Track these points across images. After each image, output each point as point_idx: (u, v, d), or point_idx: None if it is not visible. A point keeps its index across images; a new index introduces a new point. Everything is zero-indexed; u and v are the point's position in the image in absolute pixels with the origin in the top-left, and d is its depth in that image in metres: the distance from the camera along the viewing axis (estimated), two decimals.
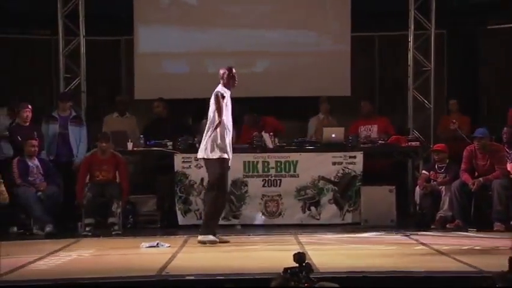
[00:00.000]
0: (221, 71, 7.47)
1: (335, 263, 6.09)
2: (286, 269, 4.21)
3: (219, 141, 7.27)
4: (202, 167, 7.86)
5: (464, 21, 10.57)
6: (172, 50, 10.35)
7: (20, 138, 8.97)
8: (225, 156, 7.30)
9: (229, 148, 7.35)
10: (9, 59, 10.59)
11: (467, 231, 8.17)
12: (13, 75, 10.54)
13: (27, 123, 9.13)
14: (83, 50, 9.98)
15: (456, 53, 10.69)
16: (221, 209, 7.59)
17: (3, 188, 8.53)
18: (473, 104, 10.43)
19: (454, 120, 9.50)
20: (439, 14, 9.93)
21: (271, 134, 9.22)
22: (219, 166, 7.30)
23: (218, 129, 7.27)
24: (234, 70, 7.50)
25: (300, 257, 4.28)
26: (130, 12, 10.18)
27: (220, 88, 7.37)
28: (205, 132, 7.38)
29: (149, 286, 5.34)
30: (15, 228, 8.59)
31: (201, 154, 7.42)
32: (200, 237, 7.29)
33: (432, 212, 8.73)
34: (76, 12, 9.89)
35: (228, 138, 7.35)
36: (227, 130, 7.34)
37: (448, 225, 8.56)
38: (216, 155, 7.28)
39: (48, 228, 8.46)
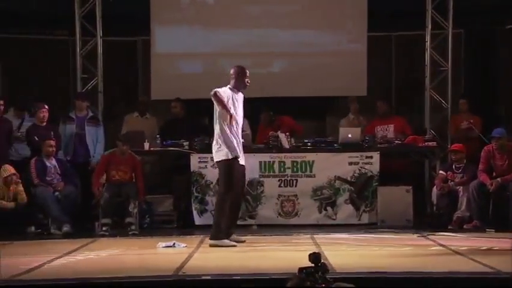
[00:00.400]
0: (231, 70, 7.30)
1: (351, 263, 6.07)
2: (301, 269, 4.20)
3: (227, 140, 7.06)
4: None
5: (481, 21, 10.50)
6: (188, 50, 10.36)
7: (37, 139, 9.03)
8: (230, 156, 7.09)
9: (239, 148, 7.17)
10: (27, 60, 10.66)
11: (485, 232, 8.11)
12: (31, 75, 10.61)
13: (44, 124, 9.19)
14: (100, 50, 10.03)
15: (473, 52, 10.62)
16: (234, 211, 7.31)
17: (21, 188, 8.61)
18: (490, 103, 10.36)
19: (471, 120, 9.43)
20: (456, 14, 9.87)
21: (287, 134, 9.21)
22: (226, 167, 7.13)
23: (227, 129, 7.06)
24: (245, 70, 7.27)
25: (315, 257, 4.27)
26: (147, 13, 10.21)
27: (221, 89, 7.15)
28: (215, 134, 7.21)
29: (165, 286, 5.34)
30: (33, 228, 8.64)
31: (215, 157, 7.26)
32: (212, 242, 7.15)
33: (450, 212, 8.69)
34: (93, 12, 9.94)
35: (239, 138, 7.20)
36: (236, 129, 7.15)
37: (465, 226, 8.51)
38: (223, 156, 7.11)
39: (65, 228, 8.50)
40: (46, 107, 9.21)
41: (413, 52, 10.62)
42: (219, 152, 7.14)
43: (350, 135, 9.05)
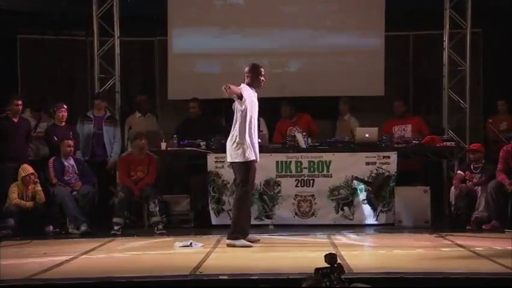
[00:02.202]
0: (245, 69, 7.21)
1: (368, 264, 6.05)
2: (317, 270, 4.19)
3: (244, 141, 7.00)
4: None
5: (500, 20, 10.42)
6: (205, 50, 10.38)
7: (56, 138, 9.09)
8: (251, 157, 7.06)
9: (255, 148, 7.12)
10: (44, 60, 10.73)
11: (503, 232, 8.05)
12: (49, 76, 10.68)
13: (63, 123, 9.25)
14: (117, 50, 10.07)
15: (492, 52, 10.55)
16: (246, 212, 7.30)
17: (40, 188, 8.67)
18: (510, 104, 10.27)
19: (491, 120, 9.36)
20: (475, 13, 9.81)
21: (304, 133, 9.20)
22: (245, 168, 7.08)
23: (246, 130, 6.97)
24: (260, 68, 7.17)
25: (331, 257, 4.26)
26: (164, 13, 10.24)
27: (244, 86, 7.03)
28: (231, 133, 7.13)
29: (183, 286, 5.35)
30: (51, 227, 8.69)
31: (229, 157, 7.19)
32: (229, 241, 7.12)
33: (468, 212, 8.63)
34: (111, 13, 9.98)
35: (255, 138, 7.14)
36: (254, 130, 7.10)
37: (483, 226, 8.45)
38: (241, 157, 7.05)
39: (83, 228, 8.55)
40: (65, 106, 9.27)
41: (431, 52, 10.56)
42: (236, 152, 7.09)
43: (367, 135, 9.02)
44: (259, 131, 7.39)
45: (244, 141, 7.04)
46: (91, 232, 8.52)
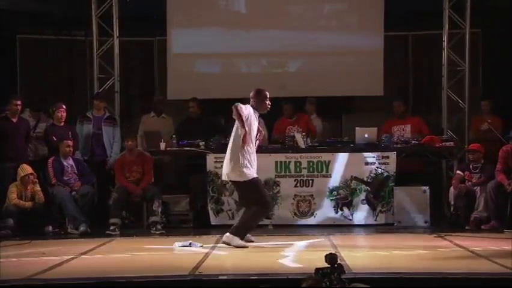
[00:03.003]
0: (251, 93, 7.21)
1: (367, 264, 6.05)
2: (317, 270, 4.19)
3: (246, 160, 7.01)
4: None
5: (499, 20, 10.43)
6: (204, 50, 10.38)
7: (55, 138, 9.09)
8: (255, 175, 7.09)
9: (255, 165, 7.12)
10: (44, 60, 10.73)
11: (502, 233, 8.05)
12: (48, 76, 10.68)
13: (62, 123, 9.25)
14: (116, 50, 10.07)
15: (491, 52, 10.55)
16: (258, 221, 7.41)
17: (39, 188, 8.66)
18: (508, 104, 10.27)
19: (489, 120, 9.37)
20: (474, 13, 9.81)
21: (303, 134, 9.20)
22: (254, 187, 7.09)
23: (245, 146, 6.98)
24: (265, 93, 7.18)
25: (331, 257, 4.26)
26: (163, 13, 10.24)
27: (244, 105, 6.99)
28: (229, 150, 7.14)
29: (182, 286, 5.35)
30: (50, 228, 8.69)
31: (230, 176, 7.13)
32: (225, 238, 7.07)
33: (467, 213, 8.63)
34: (110, 13, 9.98)
35: (253, 156, 7.09)
36: (252, 147, 7.08)
37: (483, 227, 8.45)
38: (247, 176, 7.04)
39: (82, 228, 8.55)
40: (64, 106, 9.27)
41: (430, 52, 10.57)
42: (235, 172, 7.06)
43: (366, 135, 9.02)
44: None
45: (240, 160, 7.01)
46: (90, 232, 8.52)
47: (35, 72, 10.62)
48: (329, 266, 4.19)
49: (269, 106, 7.23)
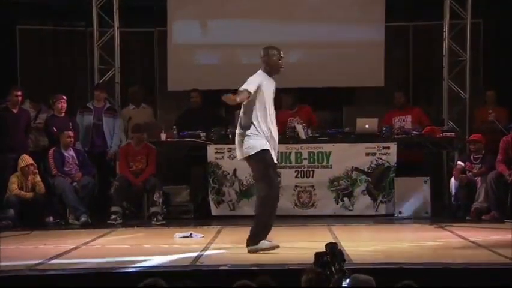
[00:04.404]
0: (261, 53, 6.41)
1: (368, 254, 6.06)
2: (317, 255, 4.18)
3: (254, 133, 6.17)
4: (235, 157, 6.93)
5: (500, 11, 10.39)
6: (205, 41, 10.34)
7: (55, 129, 9.09)
8: (266, 147, 6.19)
9: (271, 142, 6.29)
10: (44, 51, 10.71)
11: (503, 223, 8.06)
12: (48, 66, 10.66)
13: (63, 114, 9.24)
14: (117, 41, 10.04)
15: (492, 42, 10.52)
16: (274, 211, 6.40)
17: (39, 179, 8.67)
18: (509, 94, 10.26)
19: (490, 111, 9.35)
20: (475, 3, 9.77)
21: (304, 124, 9.19)
22: (260, 160, 6.21)
23: (255, 122, 6.15)
24: (275, 50, 6.34)
25: (332, 247, 4.26)
26: (164, 4, 10.20)
27: (252, 76, 6.25)
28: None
29: (183, 276, 5.34)
30: (51, 218, 8.69)
31: (238, 154, 6.33)
32: (251, 248, 6.17)
33: (468, 203, 8.63)
34: (110, 3, 9.94)
35: (273, 129, 6.32)
36: (269, 120, 6.27)
37: (483, 217, 8.45)
38: (251, 149, 6.21)
39: (83, 218, 8.55)
40: (64, 97, 9.25)
41: (431, 42, 10.53)
42: (244, 146, 6.25)
43: (367, 126, 9.01)
44: None
45: (252, 132, 6.21)
46: (91, 223, 8.53)
47: (35, 63, 10.59)
48: (328, 252, 4.19)
49: (282, 66, 6.39)
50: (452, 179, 8.81)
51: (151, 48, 10.94)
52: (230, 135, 8.52)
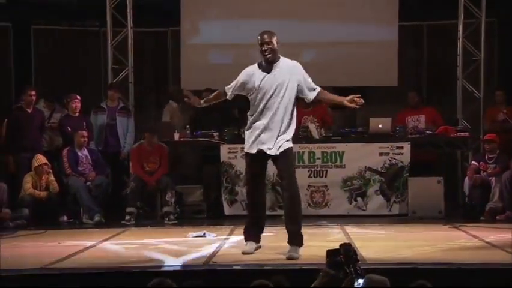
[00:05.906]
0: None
1: (382, 254, 6.04)
2: (328, 252, 4.17)
3: (248, 125, 6.21)
4: None
5: None
6: (218, 41, 10.36)
7: (69, 129, 9.13)
8: (248, 150, 6.16)
9: (259, 138, 6.13)
10: (58, 51, 10.76)
11: None
12: (62, 66, 10.70)
13: (77, 114, 9.28)
14: (130, 41, 10.07)
15: (507, 42, 10.47)
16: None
17: (53, 178, 8.71)
18: (508, 95, 10.21)
19: (505, 111, 9.30)
20: (489, 2, 9.72)
21: (317, 124, 9.18)
22: (246, 162, 6.31)
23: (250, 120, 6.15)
24: (257, 37, 6.19)
25: (346, 248, 4.25)
26: (177, 4, 10.23)
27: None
28: None
29: (196, 275, 5.36)
30: (65, 217, 8.73)
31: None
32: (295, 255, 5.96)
33: (482, 203, 8.59)
34: (124, 3, 9.97)
35: (261, 128, 6.14)
36: (259, 117, 6.16)
37: (498, 217, 8.41)
38: (245, 147, 6.28)
39: (97, 218, 8.59)
40: (78, 97, 9.29)
41: (445, 42, 10.49)
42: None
43: (380, 126, 8.99)
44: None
45: (247, 127, 6.28)
46: (104, 222, 8.56)
47: (49, 63, 10.65)
48: (339, 248, 4.18)
49: (267, 53, 6.17)
50: (466, 178, 8.77)
51: (165, 48, 10.97)
52: (243, 135, 8.51)
